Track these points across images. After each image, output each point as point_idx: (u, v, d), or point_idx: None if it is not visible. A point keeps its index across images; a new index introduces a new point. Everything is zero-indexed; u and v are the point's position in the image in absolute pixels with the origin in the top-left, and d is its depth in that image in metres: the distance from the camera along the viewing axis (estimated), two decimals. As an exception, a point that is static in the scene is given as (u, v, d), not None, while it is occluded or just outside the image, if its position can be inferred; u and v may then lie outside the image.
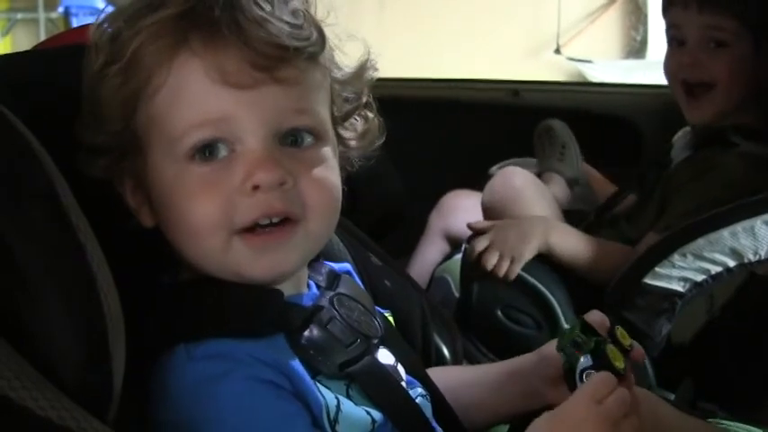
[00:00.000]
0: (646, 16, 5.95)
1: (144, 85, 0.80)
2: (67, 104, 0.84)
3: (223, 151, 0.80)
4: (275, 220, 0.81)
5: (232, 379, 0.77)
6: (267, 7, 0.81)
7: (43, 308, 0.66)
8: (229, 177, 0.80)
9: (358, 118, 0.94)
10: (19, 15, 6.68)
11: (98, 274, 0.68)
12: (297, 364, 0.81)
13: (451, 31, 5.45)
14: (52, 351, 0.66)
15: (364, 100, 0.93)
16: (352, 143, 0.93)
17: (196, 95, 0.80)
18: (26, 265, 0.65)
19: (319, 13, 0.86)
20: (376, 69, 0.93)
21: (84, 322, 0.67)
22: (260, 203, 0.80)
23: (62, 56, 0.96)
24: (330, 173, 0.85)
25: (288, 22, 0.81)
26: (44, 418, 0.61)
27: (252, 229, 0.81)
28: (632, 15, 6.08)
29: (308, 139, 0.84)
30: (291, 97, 0.82)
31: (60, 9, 6.66)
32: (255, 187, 0.79)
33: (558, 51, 5.88)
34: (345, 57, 0.89)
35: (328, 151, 0.86)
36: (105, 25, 0.83)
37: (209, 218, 0.80)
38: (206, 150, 0.80)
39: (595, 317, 0.91)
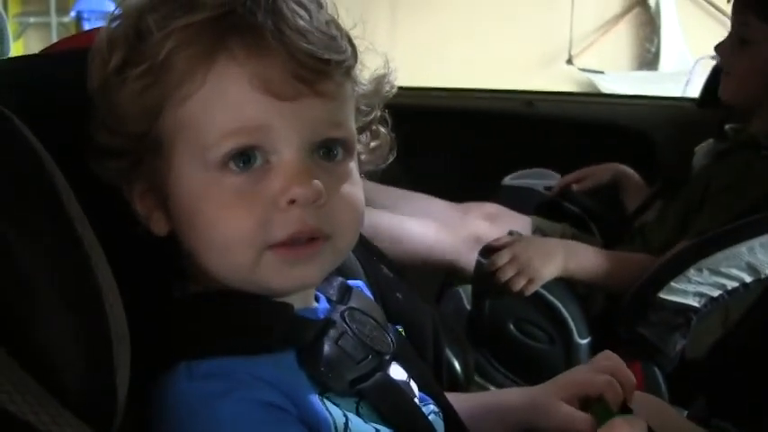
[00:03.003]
0: (659, 28, 5.95)
1: (174, 89, 0.77)
2: (72, 109, 0.81)
3: (258, 161, 0.78)
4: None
5: (230, 399, 0.74)
6: (306, 17, 0.78)
7: (45, 318, 0.64)
8: (264, 189, 0.77)
9: (369, 132, 0.91)
10: (31, 19, 6.69)
11: (103, 284, 0.66)
12: (304, 384, 0.78)
13: (463, 39, 5.45)
14: (54, 362, 0.64)
15: (378, 114, 0.91)
16: (362, 157, 0.91)
17: (235, 102, 0.76)
18: (29, 275, 0.63)
19: (345, 23, 0.84)
20: (393, 86, 0.91)
21: (88, 333, 0.65)
22: (295, 220, 0.77)
23: (69, 59, 0.94)
24: (357, 188, 0.83)
25: (326, 34, 0.78)
26: (45, 433, 0.59)
27: (283, 242, 0.78)
28: (646, 27, 6.08)
29: (340, 153, 0.82)
30: (328, 110, 0.79)
31: (72, 14, 6.67)
32: (292, 202, 0.77)
33: (569, 62, 5.89)
34: (363, 68, 0.87)
35: (354, 166, 0.84)
36: (121, 21, 0.80)
37: (242, 231, 0.77)
38: (240, 159, 0.77)
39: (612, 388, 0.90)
